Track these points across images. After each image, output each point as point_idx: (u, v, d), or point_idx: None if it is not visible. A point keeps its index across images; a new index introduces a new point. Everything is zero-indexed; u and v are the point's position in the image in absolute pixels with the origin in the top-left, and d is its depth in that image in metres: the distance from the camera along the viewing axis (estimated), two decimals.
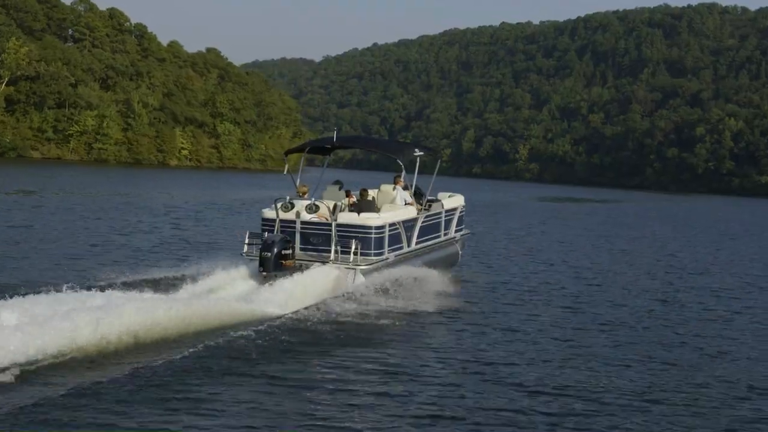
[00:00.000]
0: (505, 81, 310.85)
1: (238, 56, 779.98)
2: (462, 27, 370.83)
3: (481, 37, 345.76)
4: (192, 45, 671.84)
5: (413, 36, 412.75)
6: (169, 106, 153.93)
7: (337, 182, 25.87)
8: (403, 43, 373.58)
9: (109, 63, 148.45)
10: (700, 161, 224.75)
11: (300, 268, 21.41)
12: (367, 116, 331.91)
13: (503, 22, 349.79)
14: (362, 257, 21.86)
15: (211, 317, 17.59)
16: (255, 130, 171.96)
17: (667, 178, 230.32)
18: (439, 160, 29.45)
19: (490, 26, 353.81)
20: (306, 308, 19.37)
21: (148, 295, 18.28)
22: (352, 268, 21.73)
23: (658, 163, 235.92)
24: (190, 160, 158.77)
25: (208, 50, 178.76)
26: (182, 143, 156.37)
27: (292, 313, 18.91)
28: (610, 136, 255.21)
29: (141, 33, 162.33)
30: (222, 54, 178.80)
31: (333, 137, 25.30)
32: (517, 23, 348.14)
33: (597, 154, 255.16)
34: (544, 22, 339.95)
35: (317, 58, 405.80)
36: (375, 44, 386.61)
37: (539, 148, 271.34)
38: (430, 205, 26.03)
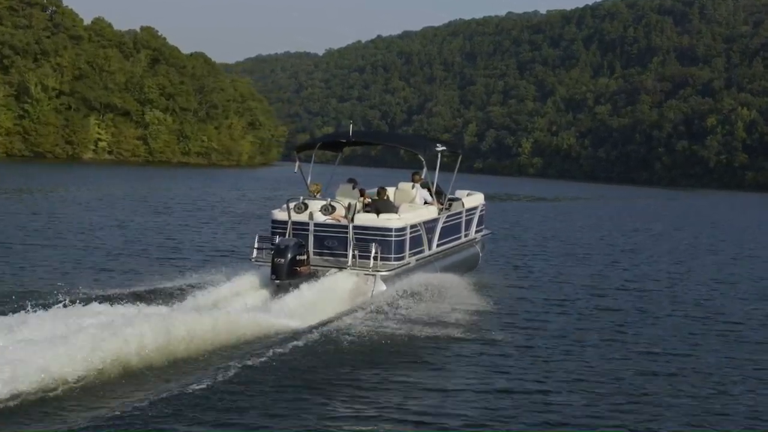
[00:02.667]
0: (510, 72, 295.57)
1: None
2: (467, 17, 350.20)
3: (486, 27, 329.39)
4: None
5: (417, 27, 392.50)
6: (81, 91, 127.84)
7: (350, 180, 23.17)
8: (407, 35, 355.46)
9: (5, 40, 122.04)
10: (711, 154, 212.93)
11: (316, 275, 19.19)
12: (368, 110, 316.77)
13: (509, 12, 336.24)
14: (382, 262, 19.68)
15: (219, 334, 15.16)
16: (196, 119, 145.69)
17: (677, 173, 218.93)
18: (460, 156, 26.11)
19: (496, 16, 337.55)
20: (324, 321, 17.24)
21: (150, 309, 16.02)
22: (372, 274, 19.55)
23: (667, 157, 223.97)
24: (110, 153, 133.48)
25: (143, 29, 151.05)
26: (99, 134, 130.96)
27: (309, 326, 16.66)
28: (616, 128, 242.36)
29: (55, 8, 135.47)
30: (159, 33, 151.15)
31: (349, 132, 22.96)
32: (524, 12, 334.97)
33: (603, 148, 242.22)
34: (551, 11, 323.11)
35: (321, 52, 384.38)
36: (379, 36, 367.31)
37: (543, 142, 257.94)
38: (450, 205, 23.68)
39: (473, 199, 25.56)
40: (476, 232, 25.57)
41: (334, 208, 20.24)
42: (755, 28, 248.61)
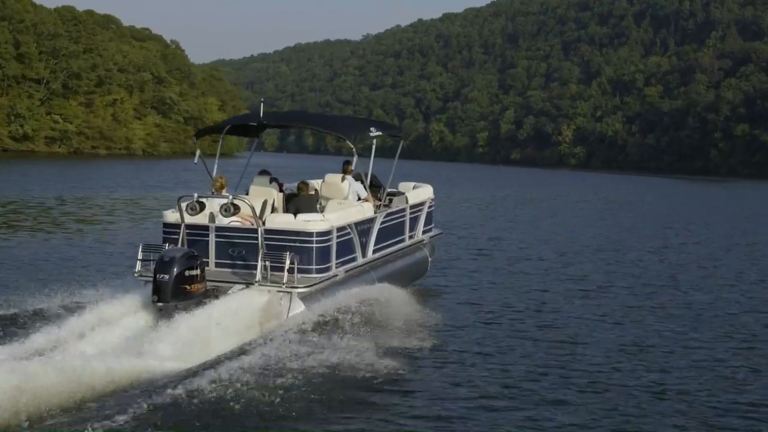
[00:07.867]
0: (554, 53, 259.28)
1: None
2: None
3: (530, 6, 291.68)
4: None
5: (460, 9, 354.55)
6: None
7: (264, 172, 17.84)
8: (448, 17, 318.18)
9: None
10: None
11: (213, 294, 14.12)
12: (401, 98, 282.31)
13: None
14: (300, 275, 14.79)
15: (69, 385, 10.27)
16: (47, 92, 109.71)
17: (735, 161, 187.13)
18: (402, 142, 21.58)
19: None
20: (219, 357, 12.17)
21: None
22: (287, 292, 14.58)
23: (724, 143, 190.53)
24: None
25: None
26: None
27: (197, 367, 11.59)
28: (668, 111, 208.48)
29: None
30: None
31: (259, 113, 17.12)
32: None
33: (653, 134, 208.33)
34: None
35: (359, 39, 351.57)
36: (419, 20, 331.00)
37: (586, 129, 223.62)
38: (390, 200, 19.12)
39: (419, 194, 20.60)
40: (424, 232, 20.65)
41: (237, 208, 14.82)
42: None
